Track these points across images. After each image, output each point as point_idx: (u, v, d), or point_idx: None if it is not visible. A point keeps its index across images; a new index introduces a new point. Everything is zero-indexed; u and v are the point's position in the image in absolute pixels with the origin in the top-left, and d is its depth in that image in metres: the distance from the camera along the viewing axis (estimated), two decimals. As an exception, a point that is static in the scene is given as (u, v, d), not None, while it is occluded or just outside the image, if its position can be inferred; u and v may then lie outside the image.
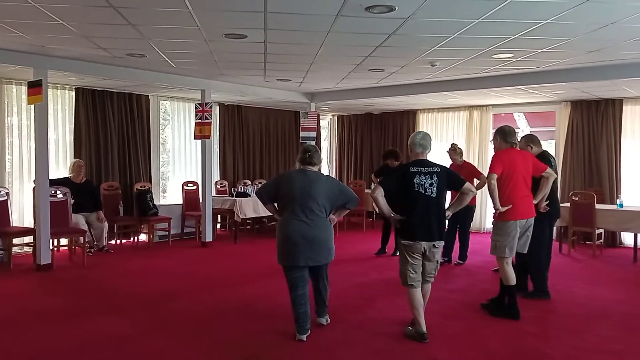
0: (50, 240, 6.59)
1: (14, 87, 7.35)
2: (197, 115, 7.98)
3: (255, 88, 8.83)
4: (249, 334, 4.22)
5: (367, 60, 6.42)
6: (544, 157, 5.23)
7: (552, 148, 9.39)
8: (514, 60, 6.28)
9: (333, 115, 12.70)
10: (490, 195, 4.63)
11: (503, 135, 4.78)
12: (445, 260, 6.70)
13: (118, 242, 8.27)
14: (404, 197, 4.05)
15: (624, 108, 8.50)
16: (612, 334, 4.32)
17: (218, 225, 9.55)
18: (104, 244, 7.63)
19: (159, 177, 9.36)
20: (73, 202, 7.15)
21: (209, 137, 8.05)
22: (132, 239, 8.48)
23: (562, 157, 8.94)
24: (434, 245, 4.06)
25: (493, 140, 4.94)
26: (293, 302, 4.09)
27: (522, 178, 4.67)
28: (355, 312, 4.84)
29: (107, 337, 4.15)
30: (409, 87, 8.39)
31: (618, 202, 7.69)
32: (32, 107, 6.57)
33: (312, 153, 4.17)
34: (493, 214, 4.74)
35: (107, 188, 8.12)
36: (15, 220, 7.28)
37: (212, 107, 8.17)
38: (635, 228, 7.31)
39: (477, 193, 5.06)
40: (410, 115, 11.12)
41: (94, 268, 6.62)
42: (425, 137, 4.19)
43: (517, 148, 4.87)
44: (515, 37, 5.08)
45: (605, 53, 5.79)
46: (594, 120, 8.70)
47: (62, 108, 7.92)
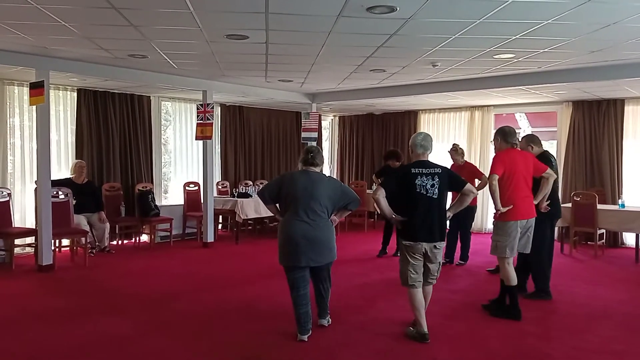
0: (52, 241, 6.61)
1: (16, 88, 7.37)
2: (198, 116, 7.99)
3: (257, 89, 8.84)
4: (250, 335, 4.23)
5: (368, 61, 6.43)
6: (545, 157, 5.23)
7: (553, 148, 9.38)
8: (516, 61, 6.28)
9: (334, 116, 12.70)
10: (492, 196, 4.63)
11: (503, 136, 4.78)
12: (447, 261, 6.71)
13: (120, 242, 8.30)
14: (406, 198, 4.05)
15: (626, 108, 8.49)
16: (613, 335, 4.32)
17: (219, 226, 9.56)
18: (106, 245, 7.65)
19: (161, 177, 9.38)
20: (75, 202, 7.16)
21: (211, 137, 8.06)
22: (133, 240, 8.49)
23: (563, 157, 8.93)
24: (435, 246, 4.05)
25: (493, 141, 4.94)
26: (294, 302, 4.10)
27: (522, 178, 4.67)
28: (357, 312, 4.84)
29: (108, 337, 4.16)
30: (411, 87, 8.38)
31: (620, 202, 7.68)
32: (34, 108, 6.58)
33: (314, 154, 4.17)
34: (494, 215, 4.74)
35: (108, 189, 8.13)
36: (17, 221, 7.29)
37: (213, 107, 8.18)
38: (637, 228, 7.29)
39: (478, 194, 5.06)
40: (412, 116, 11.11)
41: (96, 269, 6.63)
42: (427, 138, 4.19)
43: (517, 148, 4.87)
44: (517, 37, 5.08)
45: (607, 53, 5.78)
46: (596, 121, 8.68)
47: (63, 109, 7.94)
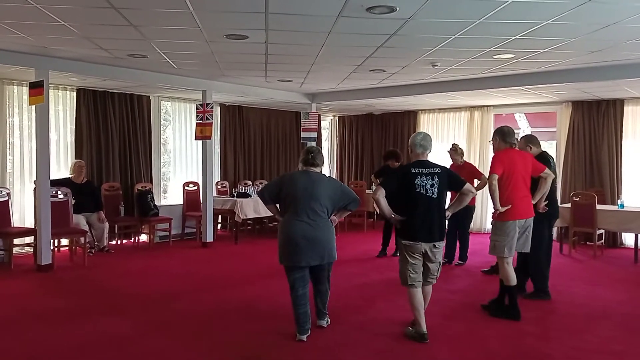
0: (51, 241, 6.60)
1: (16, 87, 7.37)
2: (198, 116, 7.98)
3: (257, 89, 8.83)
4: (250, 335, 4.23)
5: (368, 61, 6.43)
6: (543, 157, 5.23)
7: (553, 148, 9.38)
8: (515, 61, 6.28)
9: (334, 116, 12.70)
10: (491, 196, 4.63)
11: (502, 136, 4.79)
12: (446, 261, 6.70)
13: (119, 242, 8.29)
14: (405, 198, 4.06)
15: (625, 108, 8.50)
16: (612, 335, 4.32)
17: (219, 226, 9.55)
18: (105, 245, 7.64)
19: (160, 177, 9.38)
20: (74, 202, 7.15)
21: (210, 137, 8.06)
22: (132, 240, 8.49)
23: (563, 157, 8.94)
24: (435, 246, 4.06)
25: (492, 141, 4.94)
26: (293, 302, 4.10)
27: (521, 178, 4.67)
28: (356, 312, 4.84)
29: (108, 337, 4.16)
30: (410, 87, 8.38)
31: (619, 202, 7.69)
32: (33, 107, 6.58)
33: (315, 154, 4.18)
34: (492, 214, 4.74)
35: (108, 188, 8.13)
36: (16, 221, 7.28)
37: (213, 107, 8.17)
38: (636, 228, 7.30)
39: (477, 194, 5.06)
40: (411, 116, 11.11)
41: (95, 268, 6.63)
42: (426, 137, 4.20)
43: (516, 148, 4.87)
44: (517, 37, 5.08)
45: (607, 53, 5.78)
46: (595, 121, 8.69)
47: (63, 109, 7.93)
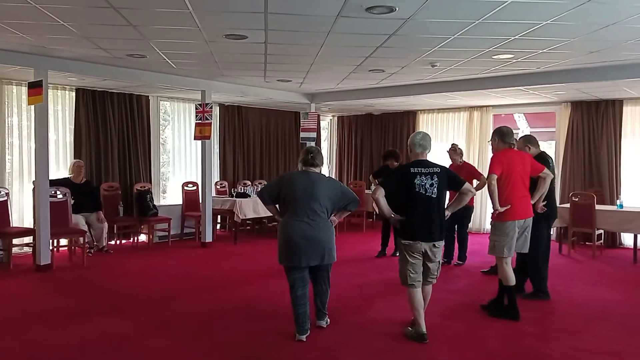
0: (50, 241, 6.59)
1: (14, 87, 7.36)
2: (197, 116, 7.98)
3: (256, 89, 8.83)
4: (250, 335, 4.23)
5: (367, 61, 6.43)
6: (542, 157, 5.23)
7: (552, 149, 9.38)
8: (515, 61, 6.29)
9: (333, 116, 12.70)
10: (490, 196, 4.63)
11: (501, 136, 4.79)
12: (445, 261, 6.70)
13: (118, 242, 8.28)
14: (405, 197, 4.06)
15: (624, 109, 8.51)
16: (611, 335, 4.32)
17: (218, 226, 9.54)
18: (104, 245, 7.64)
19: (159, 177, 9.37)
20: (73, 202, 7.15)
21: (209, 137, 8.05)
22: (132, 240, 8.48)
23: (562, 157, 8.94)
24: (434, 245, 4.06)
25: (491, 141, 4.94)
26: (293, 302, 4.10)
27: (520, 178, 4.67)
28: (355, 312, 4.84)
29: (107, 337, 4.16)
30: (409, 87, 8.39)
31: (618, 202, 7.70)
32: (32, 107, 6.58)
33: (314, 154, 4.18)
34: (491, 215, 4.74)
35: (107, 188, 8.12)
36: (15, 221, 7.28)
37: (212, 107, 8.17)
38: (635, 229, 7.31)
39: (476, 194, 5.07)
40: (411, 116, 11.11)
41: (94, 268, 6.62)
42: (425, 137, 4.20)
43: (514, 148, 4.87)
44: (516, 37, 5.09)
45: (606, 54, 5.79)
46: (594, 121, 8.70)
47: (62, 108, 7.93)
